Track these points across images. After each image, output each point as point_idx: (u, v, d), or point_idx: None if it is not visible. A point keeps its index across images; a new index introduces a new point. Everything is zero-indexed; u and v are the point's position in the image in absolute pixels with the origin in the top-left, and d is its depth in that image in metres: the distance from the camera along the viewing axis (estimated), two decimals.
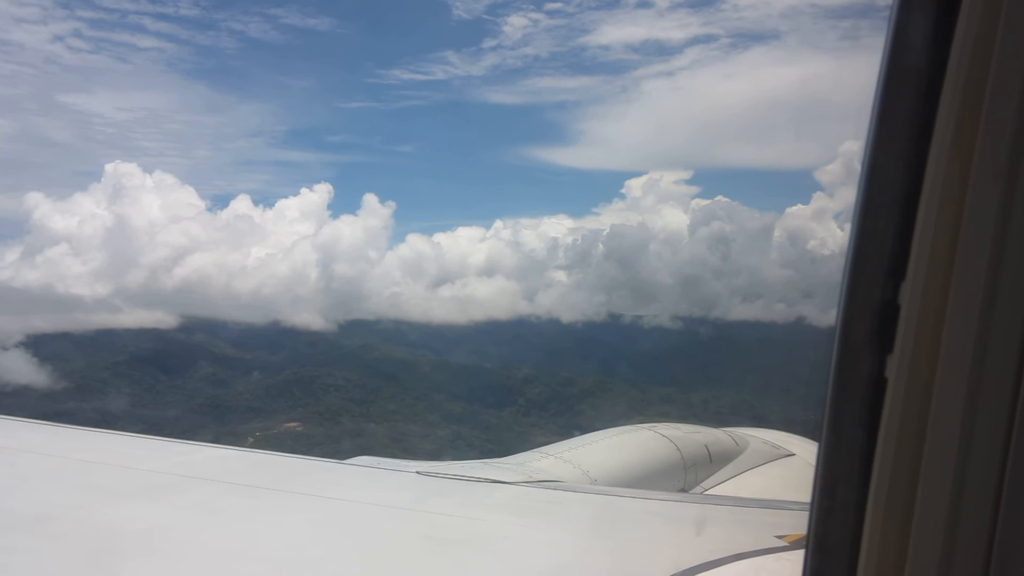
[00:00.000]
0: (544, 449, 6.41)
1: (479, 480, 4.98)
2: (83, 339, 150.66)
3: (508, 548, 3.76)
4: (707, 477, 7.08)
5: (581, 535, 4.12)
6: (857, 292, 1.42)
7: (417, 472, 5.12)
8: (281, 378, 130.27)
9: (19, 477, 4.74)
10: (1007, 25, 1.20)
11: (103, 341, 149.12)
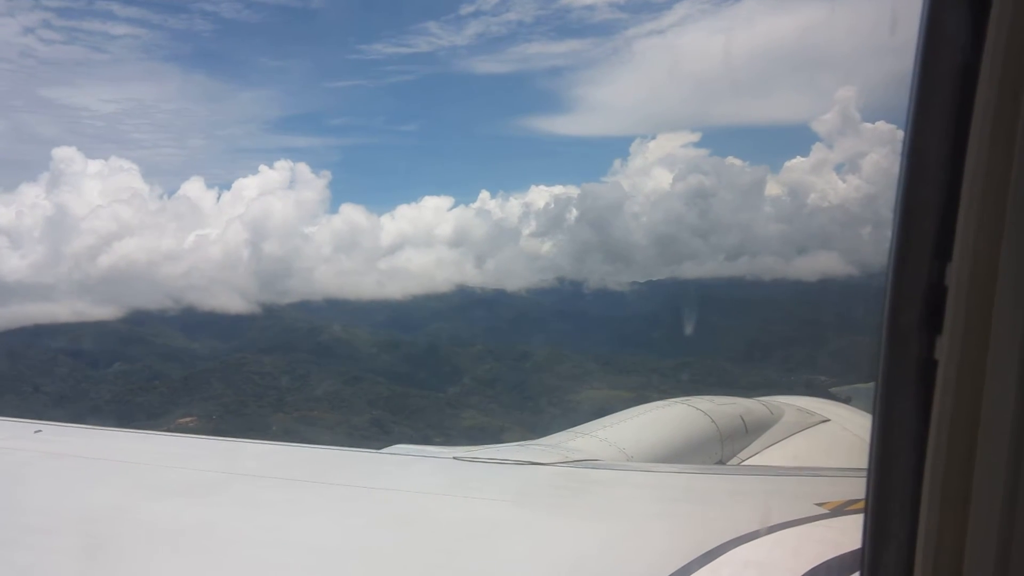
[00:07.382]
0: (578, 429, 6.65)
1: (516, 463, 5.12)
2: (9, 335, 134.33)
3: (552, 528, 3.91)
4: (743, 448, 7.29)
5: (623, 512, 4.26)
6: (904, 274, 1.45)
7: (454, 458, 5.29)
8: (203, 368, 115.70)
9: (54, 480, 4.98)
10: None
11: (30, 336, 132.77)
